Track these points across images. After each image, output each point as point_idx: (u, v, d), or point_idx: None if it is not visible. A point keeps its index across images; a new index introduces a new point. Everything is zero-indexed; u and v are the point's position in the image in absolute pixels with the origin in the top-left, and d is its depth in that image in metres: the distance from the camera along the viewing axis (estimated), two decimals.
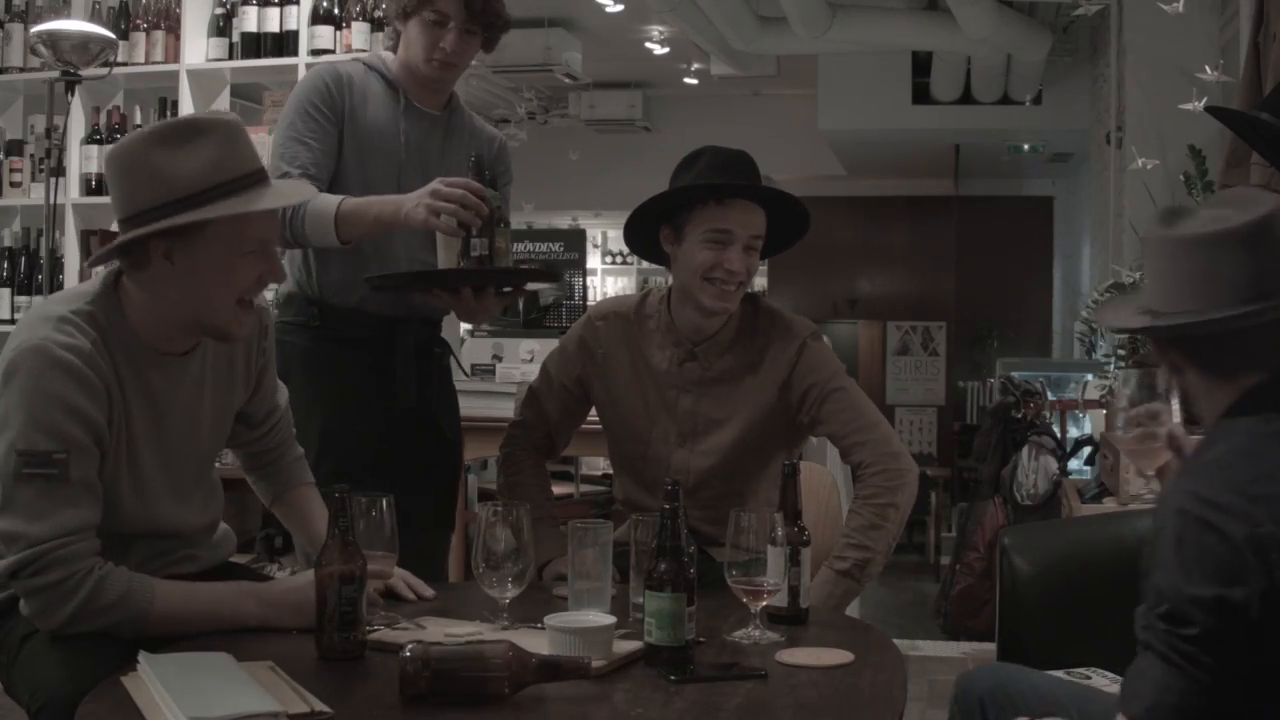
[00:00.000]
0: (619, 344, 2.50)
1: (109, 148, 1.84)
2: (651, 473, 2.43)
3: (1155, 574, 1.39)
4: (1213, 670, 1.35)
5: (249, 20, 4.36)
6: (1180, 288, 1.55)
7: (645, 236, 2.46)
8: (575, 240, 5.21)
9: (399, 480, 2.01)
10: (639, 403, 2.47)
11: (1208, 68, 4.30)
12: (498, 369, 4.84)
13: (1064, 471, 5.22)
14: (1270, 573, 1.32)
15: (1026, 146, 9.42)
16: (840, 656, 1.79)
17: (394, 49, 2.65)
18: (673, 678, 1.67)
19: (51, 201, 4.11)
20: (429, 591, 2.11)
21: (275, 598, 1.89)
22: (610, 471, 3.19)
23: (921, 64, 8.34)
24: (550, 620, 1.74)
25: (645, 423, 2.46)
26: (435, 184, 2.35)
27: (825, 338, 2.50)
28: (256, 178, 1.86)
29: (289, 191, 2.12)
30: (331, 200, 2.41)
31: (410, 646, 1.58)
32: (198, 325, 1.93)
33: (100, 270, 2.05)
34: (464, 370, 2.82)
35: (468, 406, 3.92)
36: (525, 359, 4.98)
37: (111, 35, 4.24)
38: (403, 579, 2.08)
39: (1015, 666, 2.06)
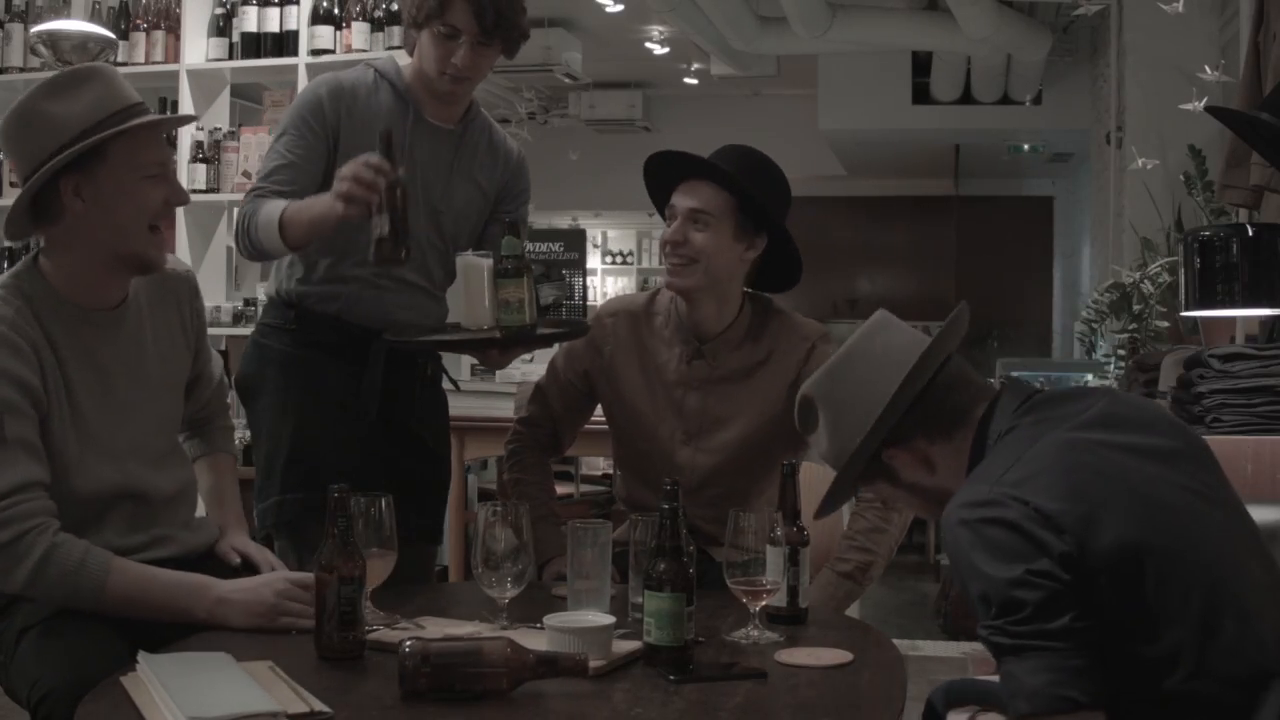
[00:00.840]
0: (627, 341, 2.49)
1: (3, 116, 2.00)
2: (656, 471, 2.39)
3: (970, 589, 1.45)
4: (1064, 634, 1.39)
5: (249, 20, 4.36)
6: (883, 375, 1.69)
7: None
8: (575, 240, 5.19)
9: (381, 490, 1.97)
10: (645, 400, 2.46)
11: (1208, 68, 4.31)
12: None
13: None
14: (1060, 536, 1.42)
15: (1026, 146, 9.43)
16: (839, 656, 1.79)
17: (411, 52, 2.54)
18: (672, 677, 1.67)
19: None
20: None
21: (228, 596, 1.89)
22: (610, 471, 3.19)
23: (921, 64, 8.34)
24: (549, 620, 1.74)
25: (651, 420, 2.46)
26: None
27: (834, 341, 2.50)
28: (140, 109, 1.99)
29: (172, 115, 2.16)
30: (277, 206, 2.31)
31: (409, 643, 1.59)
32: (118, 260, 2.00)
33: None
34: (453, 383, 2.78)
35: (468, 407, 3.93)
36: (526, 359, 4.96)
37: (111, 35, 4.25)
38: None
39: (985, 679, 2.06)
